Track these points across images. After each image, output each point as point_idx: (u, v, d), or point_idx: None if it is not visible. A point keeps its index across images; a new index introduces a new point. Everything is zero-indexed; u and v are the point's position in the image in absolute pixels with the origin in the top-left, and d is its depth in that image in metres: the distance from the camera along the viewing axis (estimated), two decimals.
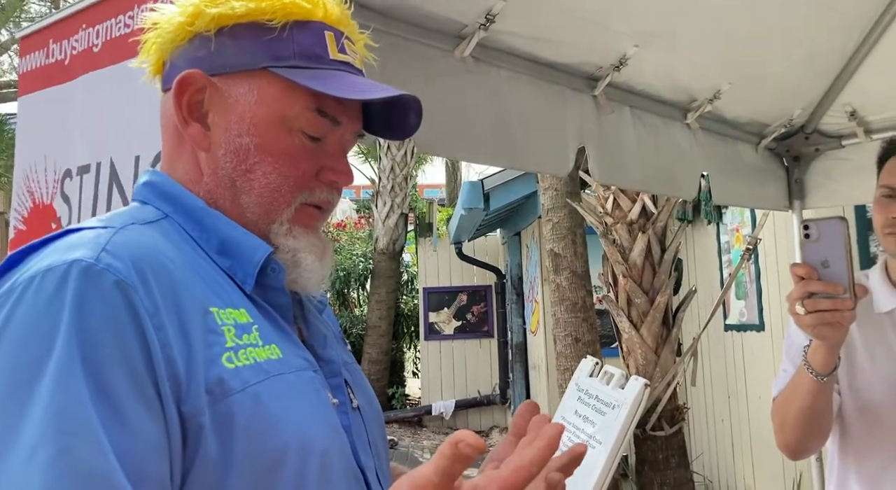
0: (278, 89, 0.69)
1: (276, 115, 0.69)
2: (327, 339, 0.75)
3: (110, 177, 1.36)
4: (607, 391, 3.31)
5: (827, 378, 1.12)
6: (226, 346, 0.60)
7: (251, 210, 0.70)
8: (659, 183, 2.04)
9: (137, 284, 0.57)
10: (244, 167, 0.69)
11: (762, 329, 4.04)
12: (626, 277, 3.31)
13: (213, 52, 0.69)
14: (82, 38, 1.50)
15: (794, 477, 3.67)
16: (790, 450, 1.28)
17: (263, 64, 0.69)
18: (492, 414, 8.87)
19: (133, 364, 0.54)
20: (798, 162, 2.44)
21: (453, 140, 1.48)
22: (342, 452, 0.66)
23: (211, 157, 0.70)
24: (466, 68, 1.48)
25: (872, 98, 2.14)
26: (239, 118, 0.69)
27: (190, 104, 0.69)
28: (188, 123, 0.70)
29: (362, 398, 0.74)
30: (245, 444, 0.58)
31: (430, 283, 9.15)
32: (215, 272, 0.66)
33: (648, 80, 1.86)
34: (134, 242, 0.60)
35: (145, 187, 0.72)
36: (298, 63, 0.69)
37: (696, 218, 4.73)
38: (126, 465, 0.51)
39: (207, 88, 0.69)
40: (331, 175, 0.72)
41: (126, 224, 0.63)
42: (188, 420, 0.56)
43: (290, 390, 0.63)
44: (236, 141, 0.69)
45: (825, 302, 1.03)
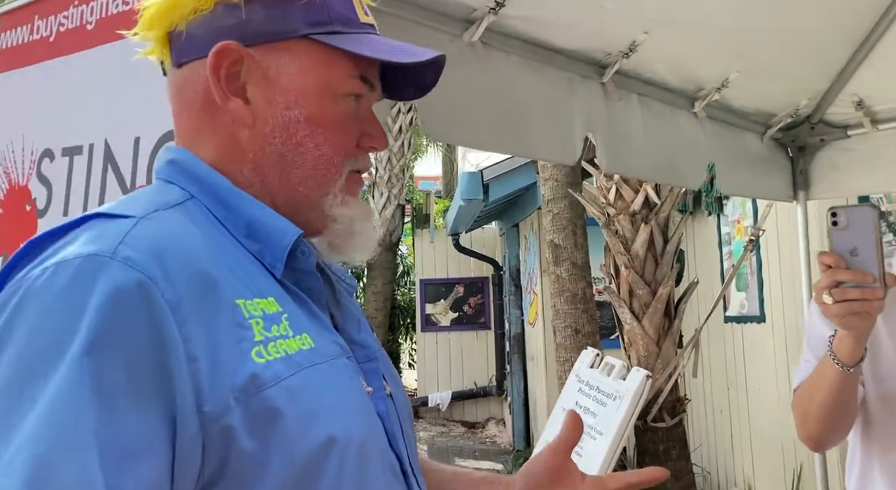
0: (321, 57, 0.66)
1: (322, 85, 0.66)
2: (361, 323, 0.72)
3: (104, 158, 1.32)
4: (608, 382, 3.31)
5: (853, 369, 1.10)
6: (254, 340, 0.57)
7: (304, 184, 0.67)
8: (665, 172, 2.02)
9: (158, 278, 0.54)
10: (295, 141, 0.66)
11: (763, 321, 4.04)
12: (628, 268, 3.30)
13: (244, 20, 0.65)
14: (73, 15, 1.45)
15: (795, 468, 3.68)
16: (813, 441, 1.26)
17: (304, 31, 0.65)
18: (488, 405, 8.88)
19: (142, 366, 0.51)
20: (803, 152, 2.43)
21: (461, 126, 1.45)
22: (378, 441, 0.64)
23: (256, 133, 0.66)
24: (475, 54, 1.46)
25: (880, 88, 2.12)
26: (283, 90, 0.66)
27: (228, 78, 0.65)
28: (228, 98, 0.65)
29: (393, 385, 0.72)
30: (281, 440, 0.55)
31: (427, 274, 9.14)
32: (243, 256, 0.63)
33: (657, 68, 1.84)
34: (157, 233, 0.57)
35: (170, 166, 0.68)
36: (337, 28, 0.66)
37: (696, 209, 4.72)
38: (109, 473, 0.48)
39: (244, 60, 0.65)
40: (370, 141, 0.70)
41: (149, 211, 0.59)
42: (211, 421, 0.53)
43: (324, 381, 0.60)
44: (284, 114, 0.66)
45: (854, 291, 1.01)
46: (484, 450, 7.43)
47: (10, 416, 0.48)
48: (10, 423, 0.48)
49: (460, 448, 7.46)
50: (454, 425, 8.60)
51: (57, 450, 0.47)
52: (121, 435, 0.49)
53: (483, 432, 8.43)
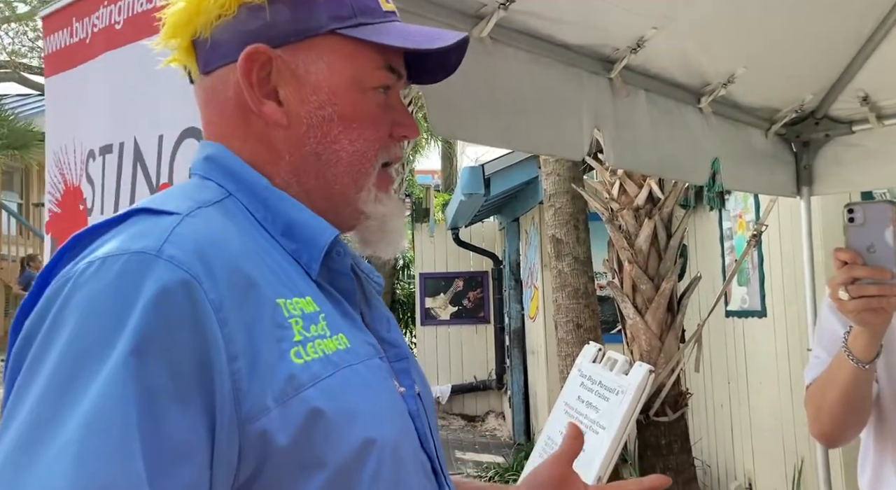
0: (347, 51, 0.66)
1: (350, 79, 0.66)
2: (390, 322, 0.72)
3: (134, 156, 1.32)
4: (611, 377, 3.30)
5: (868, 365, 1.10)
6: (294, 340, 0.57)
7: (339, 181, 0.67)
8: (670, 167, 2.03)
9: (202, 277, 0.54)
10: (330, 139, 0.66)
11: (764, 315, 4.05)
12: (631, 263, 3.30)
13: (270, 22, 0.64)
14: (103, 15, 1.46)
15: (796, 462, 3.70)
16: (826, 438, 1.27)
17: (330, 27, 0.65)
18: (487, 399, 8.90)
19: (185, 366, 0.51)
20: (807, 148, 2.43)
21: (468, 123, 1.45)
22: (411, 442, 0.64)
23: (291, 134, 0.66)
24: (484, 49, 1.46)
25: (886, 83, 2.12)
26: (314, 89, 0.65)
27: (259, 81, 0.65)
28: (262, 102, 0.65)
29: (420, 383, 0.72)
30: (320, 442, 0.55)
31: (427, 268, 9.14)
32: (280, 255, 0.63)
33: (664, 64, 1.84)
34: (201, 232, 0.57)
35: (206, 162, 0.67)
36: (361, 20, 0.66)
37: (698, 204, 4.72)
38: (153, 472, 0.48)
39: (273, 62, 0.65)
40: (402, 130, 0.70)
41: (192, 209, 0.59)
42: (249, 420, 0.53)
43: (360, 382, 0.60)
44: (318, 113, 0.65)
45: (871, 288, 1.02)
46: (484, 443, 7.45)
47: (56, 413, 0.48)
48: (56, 419, 0.48)
49: (460, 441, 7.48)
50: (454, 418, 8.62)
51: (102, 450, 0.47)
52: (164, 436, 0.50)
53: (483, 425, 8.46)
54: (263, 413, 0.54)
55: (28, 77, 11.40)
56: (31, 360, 0.52)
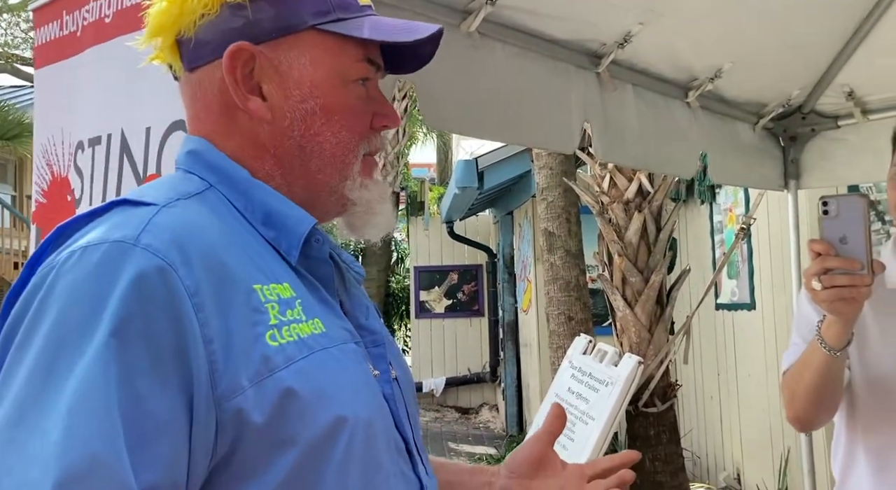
0: (328, 46, 0.68)
1: (332, 73, 0.68)
2: (369, 310, 0.75)
3: (121, 148, 1.35)
4: (601, 368, 3.33)
5: (840, 353, 1.13)
6: (269, 323, 0.60)
7: (323, 171, 0.69)
8: (659, 161, 2.05)
9: (178, 264, 0.56)
10: (313, 131, 0.68)
11: (753, 308, 4.09)
12: (621, 256, 3.33)
13: (252, 20, 0.66)
14: (93, 8, 1.47)
15: (782, 452, 3.75)
16: (800, 422, 1.30)
17: (311, 23, 0.67)
18: (482, 391, 8.95)
19: (162, 348, 0.54)
20: (794, 142, 2.46)
21: (460, 116, 1.48)
22: (385, 423, 0.67)
23: (275, 128, 0.68)
24: (472, 44, 1.48)
25: (871, 79, 2.15)
26: (297, 83, 0.68)
27: (243, 78, 0.67)
28: (247, 98, 0.67)
29: (399, 369, 0.75)
30: (295, 418, 0.58)
31: (422, 261, 9.17)
32: (259, 244, 0.65)
33: (651, 59, 1.87)
34: (177, 221, 0.60)
35: (189, 156, 0.70)
36: (340, 15, 0.68)
37: (689, 198, 4.75)
38: (134, 446, 0.51)
39: (256, 59, 0.67)
40: (382, 120, 0.72)
41: (170, 200, 0.62)
42: (224, 399, 0.56)
43: (334, 364, 0.63)
44: (300, 107, 0.68)
45: (842, 278, 1.04)
46: (477, 435, 7.51)
47: (42, 395, 0.51)
48: (42, 401, 0.51)
49: (454, 433, 7.53)
50: (448, 411, 8.67)
51: (87, 428, 0.50)
52: (144, 412, 0.53)
53: (476, 418, 8.51)
54: (239, 392, 0.56)
55: (21, 68, 11.35)
56: (17, 346, 0.54)
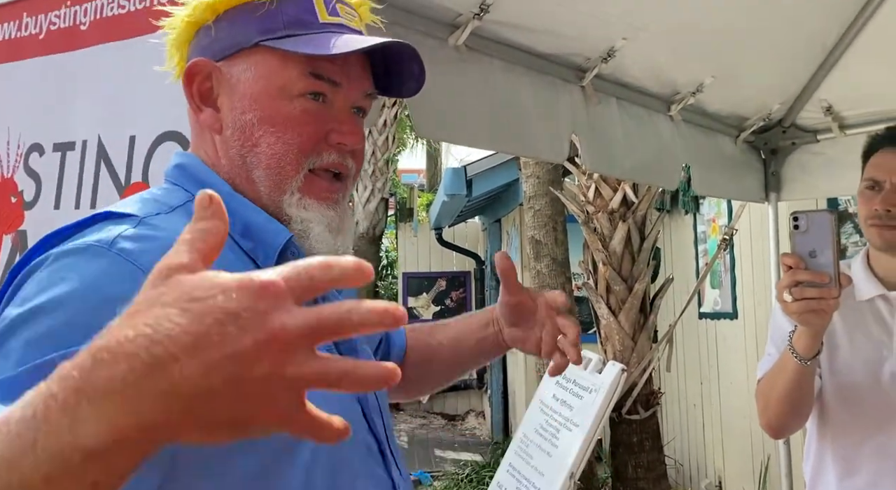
0: (273, 61, 0.72)
1: (273, 86, 0.71)
2: None
3: (97, 154, 1.36)
4: (585, 376, 3.37)
5: (810, 362, 1.17)
6: None
7: (263, 183, 0.72)
8: (643, 172, 2.09)
9: (147, 270, 0.59)
10: (251, 142, 0.72)
11: (735, 317, 4.14)
12: (605, 265, 3.38)
13: (214, 38, 0.73)
14: (65, 14, 1.48)
15: (762, 460, 3.80)
16: (773, 429, 1.34)
17: (256, 39, 0.71)
18: (468, 398, 8.96)
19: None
20: (775, 155, 2.51)
21: (453, 126, 1.50)
22: (357, 425, 0.70)
23: (224, 138, 0.73)
24: (460, 57, 1.51)
25: (848, 95, 2.21)
26: (241, 96, 0.72)
27: (201, 91, 0.73)
28: (201, 110, 0.73)
29: None
30: None
31: (410, 268, 9.19)
32: (236, 255, 0.69)
33: (634, 73, 1.91)
34: (155, 233, 0.63)
35: (176, 170, 0.75)
36: (289, 32, 0.71)
37: (673, 208, 4.81)
38: None
39: (213, 73, 0.72)
40: (337, 136, 0.73)
41: (151, 213, 0.66)
42: None
43: None
44: (241, 118, 0.72)
45: (812, 290, 1.08)
46: (463, 441, 7.51)
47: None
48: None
49: (440, 440, 7.54)
50: (434, 417, 8.68)
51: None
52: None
53: (463, 424, 8.52)
54: None
55: None
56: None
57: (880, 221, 1.27)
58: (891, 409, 1.28)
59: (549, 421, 3.06)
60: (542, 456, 3.03)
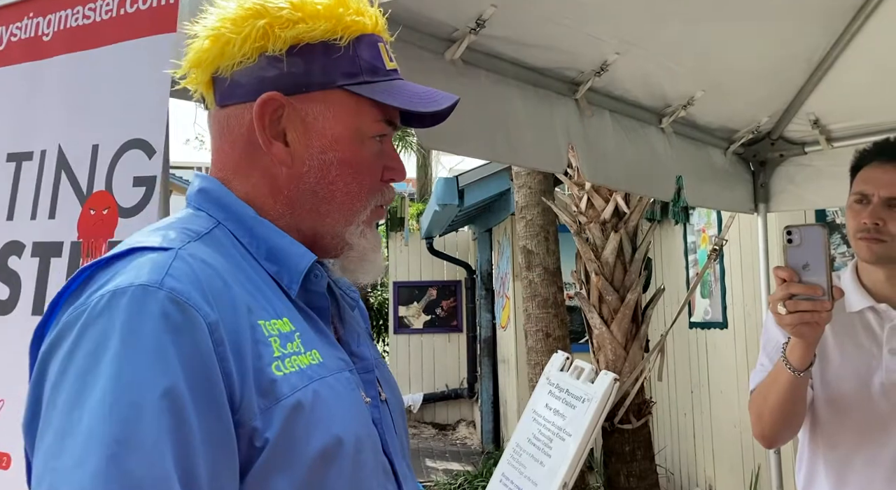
0: (352, 105, 0.74)
1: (352, 130, 0.74)
2: (360, 337, 0.80)
3: (57, 164, 1.34)
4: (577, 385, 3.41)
5: (803, 373, 1.19)
6: (273, 355, 0.65)
7: (331, 216, 0.75)
8: (638, 183, 2.13)
9: (200, 305, 0.62)
10: (328, 180, 0.74)
11: (725, 327, 4.18)
12: (598, 275, 3.40)
13: (286, 72, 0.72)
14: (28, 26, 1.46)
15: (753, 469, 3.82)
16: (766, 439, 1.36)
17: (340, 82, 0.73)
18: (459, 407, 8.95)
19: (201, 381, 0.59)
20: (764, 167, 2.55)
21: (456, 137, 1.53)
22: (374, 447, 0.72)
23: (293, 172, 0.74)
24: (457, 70, 1.54)
25: (834, 108, 2.25)
26: (319, 135, 0.73)
27: (270, 123, 0.72)
28: (271, 143, 0.73)
29: (388, 391, 0.80)
30: (295, 444, 0.64)
31: (401, 277, 9.18)
32: (261, 278, 0.71)
33: (627, 86, 1.94)
34: (194, 264, 0.65)
35: (199, 195, 0.75)
36: (366, 78, 0.74)
37: (663, 218, 4.85)
38: (181, 469, 0.56)
39: (285, 108, 0.72)
40: (390, 174, 0.78)
41: (184, 243, 0.67)
42: (241, 425, 0.61)
43: (330, 393, 0.68)
44: (320, 157, 0.73)
45: (805, 303, 1.10)
46: (454, 451, 7.50)
47: (87, 434, 0.56)
48: (89, 441, 0.55)
49: (431, 449, 7.52)
50: (425, 427, 8.66)
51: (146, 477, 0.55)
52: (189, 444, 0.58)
53: (454, 434, 8.50)
54: (252, 421, 0.62)
55: None
56: (53, 385, 0.59)
57: (868, 235, 1.29)
58: (881, 419, 1.30)
59: (541, 430, 3.06)
60: (534, 465, 3.03)
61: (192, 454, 0.57)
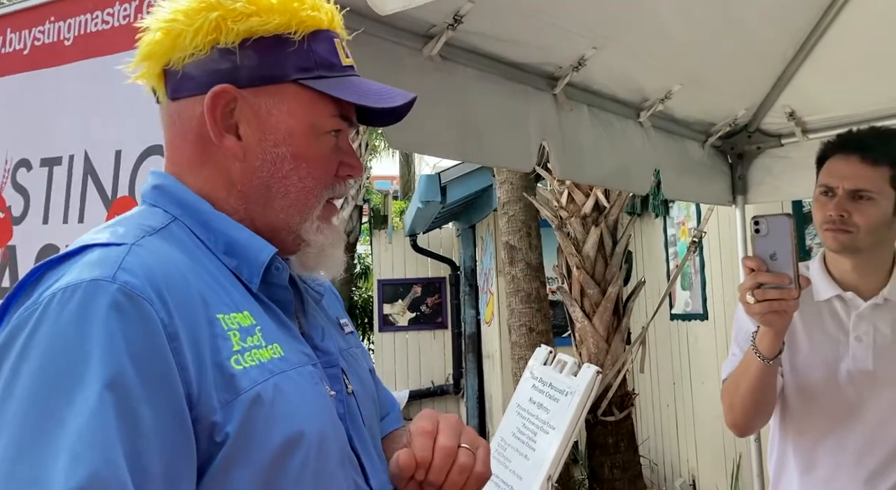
0: (306, 100, 0.73)
1: (306, 125, 0.73)
2: (325, 331, 0.79)
3: (84, 170, 1.37)
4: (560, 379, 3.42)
5: (772, 361, 1.21)
6: (233, 349, 0.65)
7: (285, 211, 0.74)
8: (614, 178, 2.14)
9: (153, 298, 0.61)
10: (281, 174, 0.73)
11: (706, 318, 4.23)
12: (579, 269, 3.43)
13: (238, 65, 0.71)
14: (49, 30, 1.49)
15: (734, 458, 3.87)
16: (738, 428, 1.38)
17: (294, 76, 0.72)
18: (445, 404, 8.96)
19: (152, 372, 0.59)
20: (741, 159, 2.58)
21: (421, 136, 1.53)
22: (338, 440, 0.72)
23: (246, 166, 0.73)
24: (434, 66, 1.54)
25: (809, 100, 2.29)
26: (272, 129, 0.72)
27: (222, 117, 0.72)
28: (223, 136, 0.72)
29: (356, 383, 0.80)
30: (257, 434, 0.63)
31: (385, 275, 9.17)
32: (220, 272, 0.70)
33: (605, 81, 1.96)
34: (148, 259, 0.64)
35: (155, 191, 0.75)
36: (321, 73, 0.73)
37: (644, 212, 4.90)
38: (133, 467, 0.56)
39: (238, 101, 0.72)
40: (347, 170, 0.78)
41: (139, 238, 0.66)
42: (200, 420, 0.61)
43: (292, 386, 0.68)
44: (273, 151, 0.73)
45: (773, 292, 1.12)
46: None
47: (38, 428, 0.55)
48: (42, 432, 0.55)
49: None
50: None
51: (90, 453, 0.54)
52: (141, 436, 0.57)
53: None
54: (211, 415, 0.62)
55: None
56: (4, 385, 0.58)
57: (834, 226, 1.32)
58: (848, 405, 1.33)
59: (526, 424, 3.08)
60: (519, 459, 3.05)
61: (142, 447, 0.57)
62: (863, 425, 1.32)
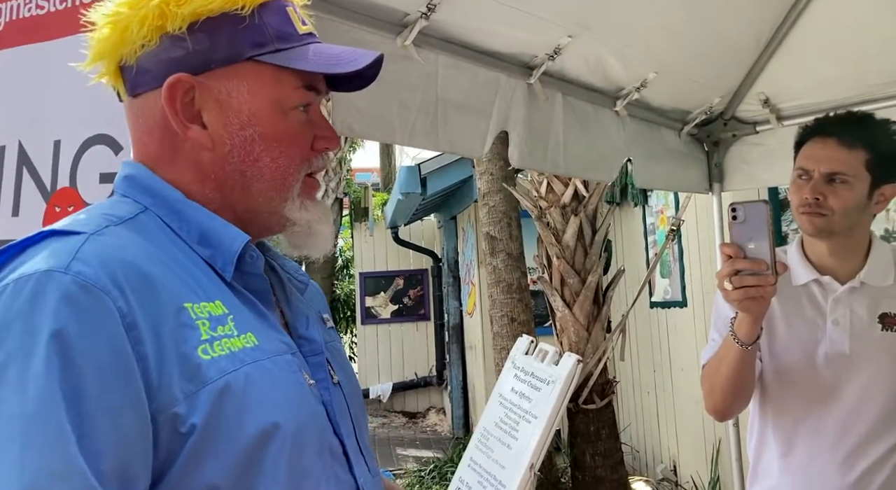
0: (267, 76, 0.71)
1: (270, 101, 0.71)
2: (309, 320, 0.78)
3: (19, 160, 1.31)
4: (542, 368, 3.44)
5: (751, 347, 1.22)
6: (201, 338, 0.63)
7: (264, 194, 0.72)
8: (580, 167, 2.11)
9: (109, 287, 0.59)
10: (252, 157, 0.71)
11: (685, 305, 4.27)
12: (559, 258, 3.44)
13: (191, 51, 0.69)
14: None
15: (714, 443, 3.92)
16: (717, 412, 1.39)
17: (248, 55, 0.70)
18: (428, 395, 8.99)
19: (104, 364, 0.57)
20: (717, 147, 2.60)
21: (373, 123, 1.49)
22: (318, 428, 0.70)
23: (216, 155, 0.71)
24: (407, 55, 1.53)
25: (783, 87, 2.30)
26: (236, 112, 0.70)
27: (183, 107, 0.69)
28: (187, 127, 0.70)
29: (342, 374, 0.78)
30: (226, 427, 0.61)
31: (367, 267, 9.15)
32: (193, 262, 0.68)
33: (580, 70, 1.95)
34: (105, 248, 0.62)
35: (125, 181, 0.73)
36: (278, 46, 0.71)
37: (622, 201, 4.92)
38: (91, 462, 0.54)
39: (196, 89, 0.69)
40: (323, 143, 0.75)
41: (100, 228, 0.65)
42: (161, 412, 0.59)
43: (265, 376, 0.66)
44: (240, 134, 0.71)
45: (750, 278, 1.13)
46: (425, 439, 7.54)
47: None
48: None
49: (401, 438, 7.54)
50: (395, 416, 8.68)
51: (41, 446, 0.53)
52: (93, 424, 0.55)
53: (424, 421, 8.54)
54: (173, 405, 0.60)
55: None
56: None
57: (810, 209, 1.33)
58: (825, 388, 1.35)
59: (508, 414, 3.09)
60: (502, 449, 3.06)
61: (91, 430, 0.55)
62: (840, 407, 1.34)
